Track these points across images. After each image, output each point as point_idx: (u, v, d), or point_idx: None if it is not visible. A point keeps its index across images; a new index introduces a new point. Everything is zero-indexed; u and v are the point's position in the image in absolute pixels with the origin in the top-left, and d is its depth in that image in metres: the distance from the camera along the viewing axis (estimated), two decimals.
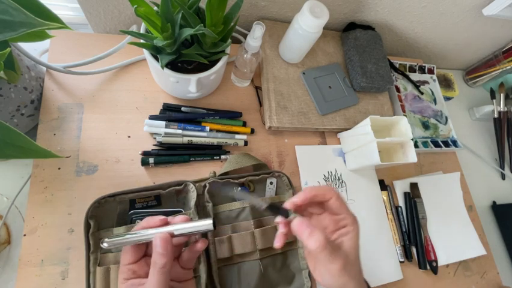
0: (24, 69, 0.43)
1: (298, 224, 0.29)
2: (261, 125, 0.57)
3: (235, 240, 0.43)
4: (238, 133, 0.53)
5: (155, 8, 0.40)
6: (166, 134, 0.48)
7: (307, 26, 0.50)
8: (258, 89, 0.59)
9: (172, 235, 0.30)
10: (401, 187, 0.61)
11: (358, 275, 0.31)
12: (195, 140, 0.49)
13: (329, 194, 0.32)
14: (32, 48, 0.46)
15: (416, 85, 0.71)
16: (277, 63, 0.59)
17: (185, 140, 0.48)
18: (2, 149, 0.31)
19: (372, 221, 0.55)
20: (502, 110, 0.78)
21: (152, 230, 0.30)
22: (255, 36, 0.45)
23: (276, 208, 0.32)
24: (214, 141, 0.50)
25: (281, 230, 0.31)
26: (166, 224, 0.31)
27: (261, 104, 0.58)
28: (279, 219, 0.31)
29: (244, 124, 0.55)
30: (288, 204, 0.31)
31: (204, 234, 0.43)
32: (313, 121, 0.56)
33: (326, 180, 0.56)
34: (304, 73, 0.59)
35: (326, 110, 0.58)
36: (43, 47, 0.51)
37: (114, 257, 0.38)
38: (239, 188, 0.37)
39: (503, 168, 0.77)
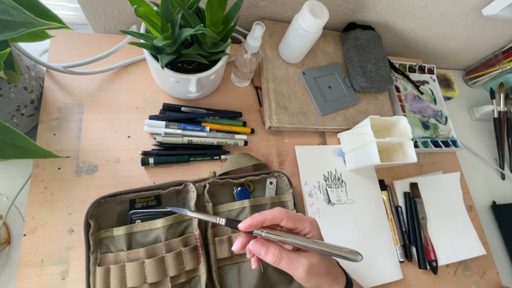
0: (24, 69, 0.43)
1: (253, 246, 0.31)
2: (261, 125, 0.57)
3: (235, 240, 0.43)
4: (238, 133, 0.53)
5: (155, 8, 0.40)
6: (166, 134, 0.48)
7: (307, 26, 0.50)
8: (258, 89, 0.59)
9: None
10: (401, 187, 0.61)
11: (328, 272, 0.33)
12: (195, 140, 0.49)
13: (278, 218, 0.31)
14: (32, 48, 0.46)
15: (416, 85, 0.71)
16: (277, 63, 0.59)
17: (185, 140, 0.49)
18: (2, 149, 0.31)
19: (372, 221, 0.55)
20: (501, 110, 0.78)
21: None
22: (255, 36, 0.45)
23: (235, 223, 0.31)
24: (214, 141, 0.50)
25: (235, 247, 0.32)
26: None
27: (261, 104, 0.58)
28: (235, 247, 0.32)
29: (244, 124, 0.55)
30: (241, 228, 0.31)
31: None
32: (313, 121, 0.56)
33: (325, 180, 0.56)
34: (304, 73, 0.59)
35: (325, 110, 0.58)
36: (43, 47, 0.51)
37: (114, 257, 0.38)
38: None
39: (503, 168, 0.77)
